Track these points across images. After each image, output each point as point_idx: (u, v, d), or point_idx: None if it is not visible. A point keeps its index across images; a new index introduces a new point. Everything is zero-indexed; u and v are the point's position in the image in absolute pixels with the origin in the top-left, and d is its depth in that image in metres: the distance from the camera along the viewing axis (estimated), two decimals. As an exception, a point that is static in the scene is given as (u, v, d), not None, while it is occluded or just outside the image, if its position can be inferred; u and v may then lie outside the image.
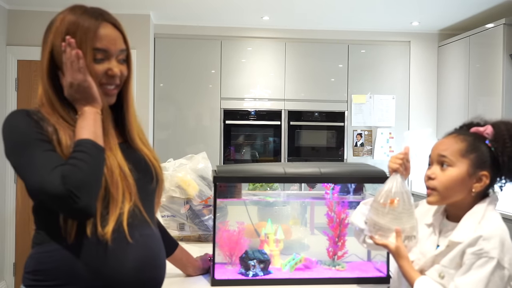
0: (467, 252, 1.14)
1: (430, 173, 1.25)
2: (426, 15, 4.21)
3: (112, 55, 1.17)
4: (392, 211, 1.26)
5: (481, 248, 1.13)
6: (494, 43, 3.82)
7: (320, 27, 4.57)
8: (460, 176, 1.21)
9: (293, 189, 2.28)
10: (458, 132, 1.28)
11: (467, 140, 1.22)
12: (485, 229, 1.16)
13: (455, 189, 1.22)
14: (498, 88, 3.76)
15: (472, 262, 1.13)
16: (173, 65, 4.49)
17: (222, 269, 1.73)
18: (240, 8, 4.05)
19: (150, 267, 1.16)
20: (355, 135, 4.63)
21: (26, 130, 1.09)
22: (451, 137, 1.26)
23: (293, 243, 1.91)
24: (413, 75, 4.71)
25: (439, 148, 1.25)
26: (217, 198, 1.73)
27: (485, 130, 1.23)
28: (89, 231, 1.08)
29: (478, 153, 1.21)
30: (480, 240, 1.14)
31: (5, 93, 4.01)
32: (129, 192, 1.14)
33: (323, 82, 4.62)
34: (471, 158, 1.21)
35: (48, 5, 3.93)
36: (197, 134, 4.52)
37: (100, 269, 1.09)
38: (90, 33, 1.14)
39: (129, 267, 1.11)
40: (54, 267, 1.09)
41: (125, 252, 1.11)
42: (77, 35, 1.13)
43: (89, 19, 1.15)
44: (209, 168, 2.19)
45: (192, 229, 2.14)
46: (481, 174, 1.21)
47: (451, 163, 1.22)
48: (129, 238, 1.12)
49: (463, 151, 1.21)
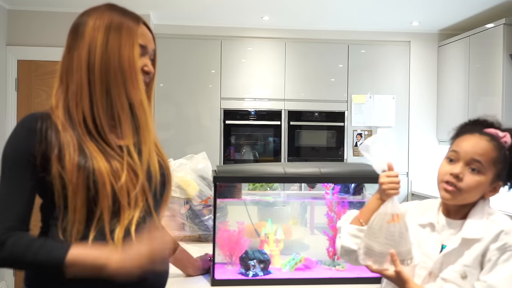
0: (490, 249, 1.14)
1: (459, 172, 1.19)
2: (426, 15, 4.21)
3: (148, 53, 1.20)
4: (388, 235, 1.20)
5: (505, 243, 1.14)
6: (494, 43, 3.82)
7: (320, 27, 4.57)
8: (486, 183, 1.20)
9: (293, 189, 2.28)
10: (489, 135, 1.22)
11: (499, 149, 1.20)
12: (502, 223, 1.17)
13: (474, 194, 1.20)
14: (498, 88, 3.76)
15: (497, 257, 1.13)
16: (173, 65, 4.49)
17: (222, 269, 1.73)
18: (240, 8, 4.05)
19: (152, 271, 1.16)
20: (355, 135, 4.63)
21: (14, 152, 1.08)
22: (486, 141, 1.20)
23: (293, 243, 1.92)
24: (413, 75, 4.71)
25: (475, 152, 1.19)
26: (217, 198, 1.73)
27: (504, 137, 1.21)
28: (92, 236, 1.08)
29: (503, 165, 1.20)
30: (502, 235, 1.14)
31: (5, 93, 4.01)
32: (143, 199, 1.13)
33: (323, 82, 4.62)
34: (498, 168, 1.20)
35: (48, 5, 3.94)
36: (197, 134, 4.52)
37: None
38: (134, 29, 1.16)
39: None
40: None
41: None
42: (122, 31, 1.14)
43: (131, 18, 1.17)
44: (209, 168, 2.19)
45: (192, 229, 2.15)
46: (498, 184, 1.22)
47: (483, 171, 1.18)
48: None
49: (495, 160, 1.19)
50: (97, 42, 1.13)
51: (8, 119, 4.01)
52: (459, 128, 1.30)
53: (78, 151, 1.08)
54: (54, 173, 1.07)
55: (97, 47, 1.12)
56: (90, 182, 1.07)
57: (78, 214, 1.07)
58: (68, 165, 1.07)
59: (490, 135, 1.22)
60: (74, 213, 1.07)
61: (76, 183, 1.06)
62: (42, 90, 4.05)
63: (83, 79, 1.12)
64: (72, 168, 1.06)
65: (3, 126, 3.98)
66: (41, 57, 4.01)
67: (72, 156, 1.07)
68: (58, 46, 4.82)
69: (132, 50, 1.14)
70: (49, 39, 3.99)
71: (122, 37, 1.14)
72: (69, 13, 4.09)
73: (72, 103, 1.13)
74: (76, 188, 1.06)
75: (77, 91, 1.12)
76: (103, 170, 1.08)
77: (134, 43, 1.15)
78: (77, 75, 1.13)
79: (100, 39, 1.13)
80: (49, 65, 4.03)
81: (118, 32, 1.14)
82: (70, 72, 1.14)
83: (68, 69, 1.15)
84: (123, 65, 1.13)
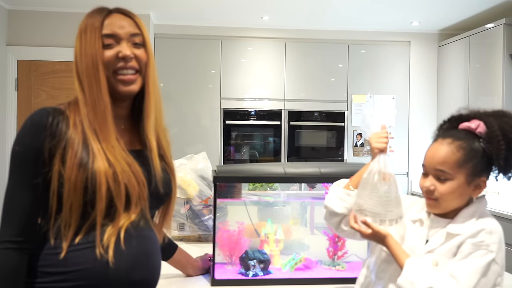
0: (466, 242, 1.15)
1: (429, 185, 1.21)
2: (426, 15, 4.21)
3: (122, 38, 1.16)
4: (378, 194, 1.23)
5: (482, 240, 1.14)
6: (494, 43, 3.82)
7: (320, 27, 4.57)
8: (459, 187, 1.19)
9: (293, 189, 2.28)
10: (452, 135, 1.23)
11: (463, 148, 1.19)
12: (487, 224, 1.17)
13: (455, 199, 1.21)
14: (498, 88, 3.76)
15: (471, 251, 1.14)
16: (173, 65, 4.49)
17: (222, 269, 1.73)
18: (240, 8, 4.05)
19: (142, 267, 1.15)
20: (355, 135, 4.63)
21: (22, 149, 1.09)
22: (446, 144, 1.21)
23: (293, 243, 1.92)
24: (413, 75, 4.71)
25: (435, 161, 1.21)
26: (217, 198, 1.73)
27: (477, 128, 1.21)
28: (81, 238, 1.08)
29: (474, 161, 1.19)
30: (482, 233, 1.15)
31: (5, 93, 4.01)
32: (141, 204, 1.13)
33: (323, 82, 4.62)
34: (468, 167, 1.19)
35: (48, 5, 3.94)
36: (197, 134, 4.52)
37: (93, 269, 1.08)
38: (96, 23, 1.15)
39: (121, 268, 1.11)
40: (50, 264, 1.09)
41: (120, 254, 1.11)
42: (87, 32, 1.14)
43: (96, 14, 1.17)
44: (209, 168, 2.19)
45: (192, 229, 2.15)
46: (480, 180, 1.21)
47: (450, 177, 1.19)
48: (123, 245, 1.11)
49: (460, 162, 1.18)
50: (75, 49, 1.16)
51: (8, 119, 4.01)
52: (435, 131, 1.31)
53: (82, 150, 1.08)
54: (55, 169, 1.07)
55: (76, 55, 1.15)
56: (88, 182, 1.07)
57: (74, 213, 1.07)
58: (68, 162, 1.07)
59: (455, 135, 1.22)
60: (70, 212, 1.07)
61: (74, 181, 1.06)
62: (42, 90, 4.05)
63: (76, 84, 1.15)
64: (73, 166, 1.06)
65: (3, 126, 3.98)
66: (41, 57, 4.01)
67: (75, 154, 1.07)
68: (58, 46, 4.84)
69: (93, 46, 1.13)
70: (49, 39, 3.99)
71: (87, 38, 1.14)
72: (69, 13, 4.12)
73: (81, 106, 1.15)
74: (74, 186, 1.06)
75: (78, 96, 1.15)
76: (102, 171, 1.07)
77: (95, 39, 1.14)
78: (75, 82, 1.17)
79: (76, 48, 1.15)
80: (49, 65, 4.03)
81: (84, 34, 1.15)
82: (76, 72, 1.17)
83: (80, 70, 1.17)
84: (89, 65, 1.13)
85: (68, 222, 1.08)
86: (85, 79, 1.13)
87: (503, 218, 3.23)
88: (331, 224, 1.38)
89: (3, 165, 3.91)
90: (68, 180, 1.06)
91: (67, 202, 1.07)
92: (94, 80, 1.13)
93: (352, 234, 1.34)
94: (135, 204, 1.12)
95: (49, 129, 1.08)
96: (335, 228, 1.37)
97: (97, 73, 1.13)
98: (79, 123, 1.11)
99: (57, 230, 1.09)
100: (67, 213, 1.07)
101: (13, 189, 1.09)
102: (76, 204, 1.07)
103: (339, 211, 1.33)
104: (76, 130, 1.10)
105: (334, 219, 1.35)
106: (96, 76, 1.13)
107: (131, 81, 1.16)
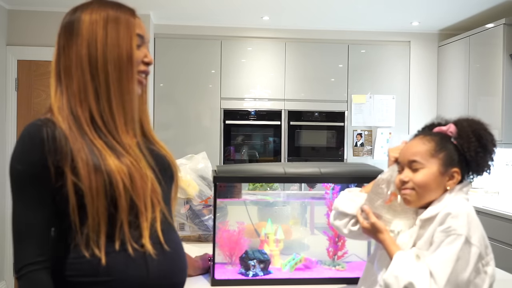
0: (437, 230, 1.17)
1: (403, 177, 1.25)
2: (426, 15, 4.21)
3: (145, 43, 1.18)
4: (392, 204, 1.28)
5: (449, 226, 1.15)
6: (494, 43, 3.82)
7: (320, 27, 4.57)
8: (433, 175, 1.23)
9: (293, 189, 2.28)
10: (423, 133, 1.30)
11: (434, 140, 1.25)
12: (452, 208, 1.18)
13: (431, 188, 1.23)
14: (498, 88, 3.76)
15: (441, 240, 1.15)
16: (173, 65, 4.49)
17: (222, 269, 1.73)
18: (240, 8, 4.05)
19: (178, 272, 1.15)
20: (355, 135, 4.63)
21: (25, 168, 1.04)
22: (417, 140, 1.28)
23: (293, 243, 1.92)
24: (413, 75, 4.71)
25: (408, 153, 1.26)
26: (217, 198, 1.73)
27: (448, 129, 1.26)
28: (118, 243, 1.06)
29: (446, 151, 1.24)
30: (449, 218, 1.16)
31: (5, 93, 4.01)
32: (156, 197, 1.11)
33: (323, 82, 4.62)
34: (441, 157, 1.23)
35: (48, 5, 3.94)
36: (197, 134, 4.52)
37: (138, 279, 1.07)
38: (131, 20, 1.15)
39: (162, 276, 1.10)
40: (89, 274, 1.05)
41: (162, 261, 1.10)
42: (120, 23, 1.13)
43: (127, 11, 1.16)
44: (209, 168, 2.19)
45: (192, 229, 2.15)
46: (453, 171, 1.24)
47: (422, 166, 1.23)
48: (166, 246, 1.10)
49: (432, 151, 1.24)
50: (96, 36, 1.10)
51: (8, 119, 4.01)
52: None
53: (90, 154, 1.05)
54: (69, 184, 1.03)
55: (97, 42, 1.10)
56: (106, 182, 1.04)
57: (101, 218, 1.03)
58: (82, 172, 1.03)
59: (428, 133, 1.28)
60: (97, 218, 1.03)
61: (95, 186, 1.03)
62: (42, 90, 4.05)
63: (85, 75, 1.10)
64: (88, 173, 1.03)
65: (3, 126, 3.98)
66: (41, 57, 4.01)
67: (85, 161, 1.03)
68: (58, 46, 4.71)
69: (130, 41, 1.13)
70: (49, 39, 3.98)
71: (120, 30, 1.12)
72: (69, 13, 4.11)
73: (76, 102, 1.09)
74: (96, 191, 1.03)
75: (79, 89, 1.10)
76: (113, 168, 1.04)
77: (132, 35, 1.13)
78: (77, 72, 1.10)
79: (100, 34, 1.11)
80: (49, 65, 3.96)
81: (116, 24, 1.12)
82: (69, 71, 1.11)
83: (66, 68, 1.12)
84: (122, 57, 1.11)
85: (97, 230, 1.04)
86: (112, 68, 1.10)
87: (503, 218, 3.23)
88: (339, 224, 1.41)
89: (3, 165, 3.91)
90: (89, 189, 1.02)
91: (92, 210, 1.03)
92: (126, 70, 1.12)
93: (359, 235, 1.37)
94: (150, 199, 1.09)
95: (48, 144, 1.03)
96: (343, 228, 1.40)
97: (130, 66, 1.12)
98: (75, 128, 1.07)
99: (86, 240, 1.05)
100: (95, 221, 1.04)
101: (23, 210, 1.04)
102: (102, 208, 1.03)
103: (348, 211, 1.37)
104: (75, 135, 1.06)
105: (344, 219, 1.39)
106: (129, 68, 1.12)
107: (144, 84, 1.19)
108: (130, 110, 1.13)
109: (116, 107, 1.11)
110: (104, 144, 1.08)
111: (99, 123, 1.09)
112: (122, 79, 1.11)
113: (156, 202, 1.10)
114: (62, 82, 1.12)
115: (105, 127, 1.10)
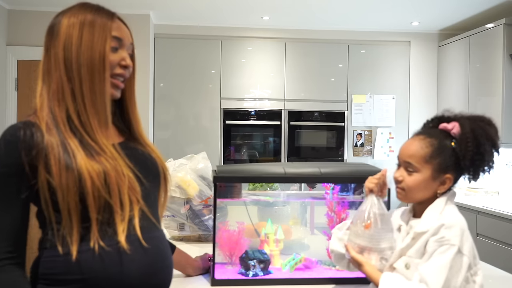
0: (430, 240, 1.19)
1: (397, 176, 1.29)
2: (426, 15, 4.21)
3: (125, 45, 1.19)
4: (368, 233, 1.28)
5: (443, 236, 1.17)
6: (494, 43, 3.82)
7: (320, 27, 4.57)
8: (424, 180, 1.25)
9: (293, 189, 2.28)
10: (427, 133, 1.30)
11: (432, 145, 1.26)
12: (446, 218, 1.21)
13: (420, 191, 1.27)
14: (498, 88, 3.76)
15: (434, 249, 1.17)
16: (173, 65, 4.49)
17: (222, 269, 1.73)
18: (240, 8, 4.05)
19: (160, 269, 1.15)
20: (355, 135, 4.63)
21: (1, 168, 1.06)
22: (418, 140, 1.28)
23: (293, 243, 1.91)
24: (413, 75, 4.71)
25: (406, 154, 1.29)
26: (217, 198, 1.73)
27: (452, 129, 1.28)
28: (92, 241, 1.06)
29: (441, 158, 1.25)
30: (442, 229, 1.18)
31: (5, 93, 4.01)
32: (135, 195, 1.11)
33: (323, 82, 4.62)
34: (434, 163, 1.25)
35: (48, 5, 3.94)
36: (197, 134, 4.52)
37: (113, 275, 1.07)
38: (108, 23, 1.16)
39: (142, 272, 1.10)
40: (63, 272, 1.07)
41: (141, 258, 1.10)
42: (95, 26, 1.14)
43: (104, 14, 1.17)
44: (209, 168, 2.19)
45: (192, 229, 2.14)
46: (445, 177, 1.26)
47: (416, 170, 1.26)
48: (145, 243, 1.10)
49: (427, 157, 1.25)
50: (72, 39, 1.13)
51: (8, 119, 4.01)
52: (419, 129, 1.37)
53: (63, 152, 1.07)
54: (42, 181, 1.05)
55: (72, 44, 1.13)
56: (77, 180, 1.05)
57: (73, 216, 1.05)
58: (54, 169, 1.05)
59: (429, 133, 1.30)
60: (69, 216, 1.05)
61: (66, 183, 1.04)
62: (42, 90, 4.05)
63: (62, 76, 1.13)
64: (60, 170, 1.05)
65: (3, 126, 3.98)
66: (41, 57, 4.00)
67: (58, 159, 1.06)
68: (58, 46, 4.71)
69: (103, 44, 1.14)
70: (49, 39, 3.99)
71: (95, 32, 1.14)
72: (69, 13, 4.11)
73: (54, 101, 1.12)
74: (67, 189, 1.04)
75: (58, 89, 1.13)
76: (83, 166, 1.06)
77: (106, 37, 1.14)
78: (56, 73, 1.14)
79: (75, 36, 1.13)
80: (49, 65, 4.02)
81: (92, 27, 1.14)
82: (49, 71, 1.15)
83: (48, 69, 1.16)
84: (94, 60, 1.13)
85: (70, 227, 1.06)
86: (85, 70, 1.12)
87: (503, 218, 3.23)
88: (341, 266, 1.44)
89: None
90: (59, 186, 1.04)
91: (64, 207, 1.05)
92: (98, 73, 1.13)
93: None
94: (128, 199, 1.10)
95: (24, 143, 1.06)
96: (346, 269, 1.43)
97: (102, 68, 1.14)
98: (52, 127, 1.09)
99: (62, 238, 1.07)
100: (67, 218, 1.06)
101: None
102: (73, 206, 1.05)
103: (342, 251, 1.38)
104: (51, 133, 1.08)
105: (342, 261, 1.41)
106: (101, 70, 1.14)
107: (120, 88, 1.20)
108: (103, 111, 1.14)
109: (89, 108, 1.13)
110: (78, 143, 1.10)
111: (76, 123, 1.12)
112: (95, 81, 1.13)
113: (134, 200, 1.11)
114: (46, 82, 1.16)
115: (82, 127, 1.12)
